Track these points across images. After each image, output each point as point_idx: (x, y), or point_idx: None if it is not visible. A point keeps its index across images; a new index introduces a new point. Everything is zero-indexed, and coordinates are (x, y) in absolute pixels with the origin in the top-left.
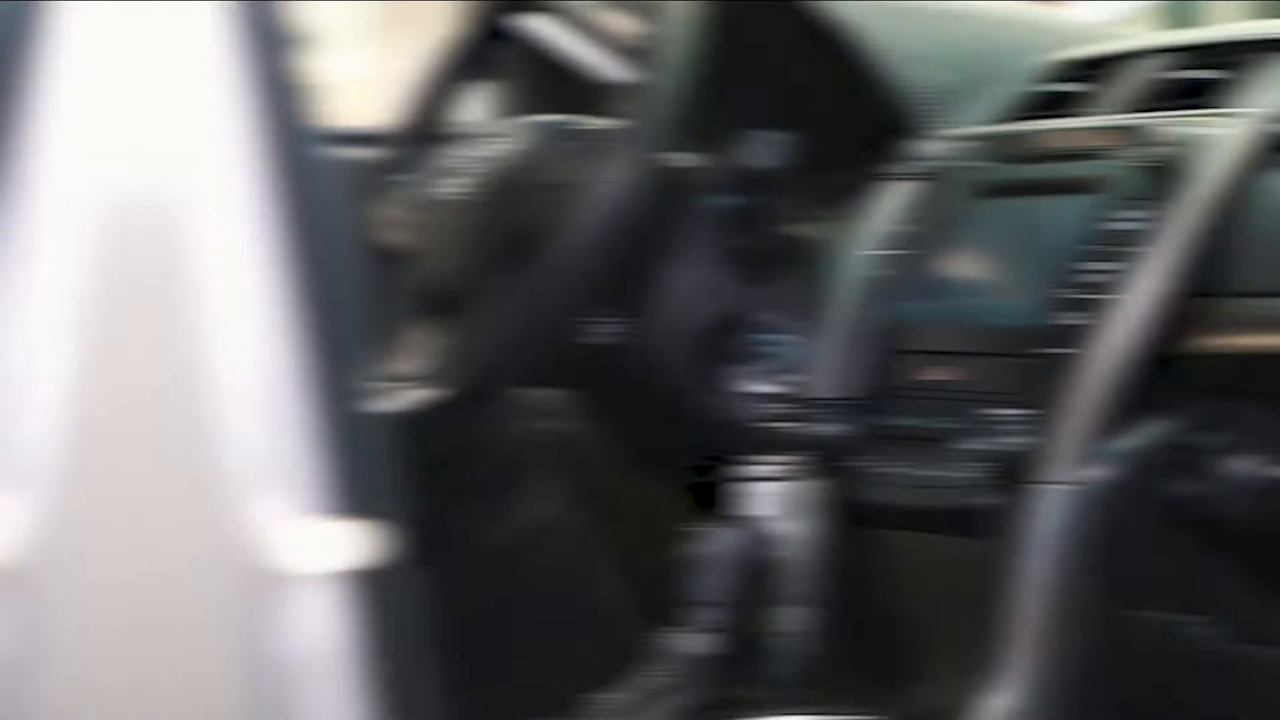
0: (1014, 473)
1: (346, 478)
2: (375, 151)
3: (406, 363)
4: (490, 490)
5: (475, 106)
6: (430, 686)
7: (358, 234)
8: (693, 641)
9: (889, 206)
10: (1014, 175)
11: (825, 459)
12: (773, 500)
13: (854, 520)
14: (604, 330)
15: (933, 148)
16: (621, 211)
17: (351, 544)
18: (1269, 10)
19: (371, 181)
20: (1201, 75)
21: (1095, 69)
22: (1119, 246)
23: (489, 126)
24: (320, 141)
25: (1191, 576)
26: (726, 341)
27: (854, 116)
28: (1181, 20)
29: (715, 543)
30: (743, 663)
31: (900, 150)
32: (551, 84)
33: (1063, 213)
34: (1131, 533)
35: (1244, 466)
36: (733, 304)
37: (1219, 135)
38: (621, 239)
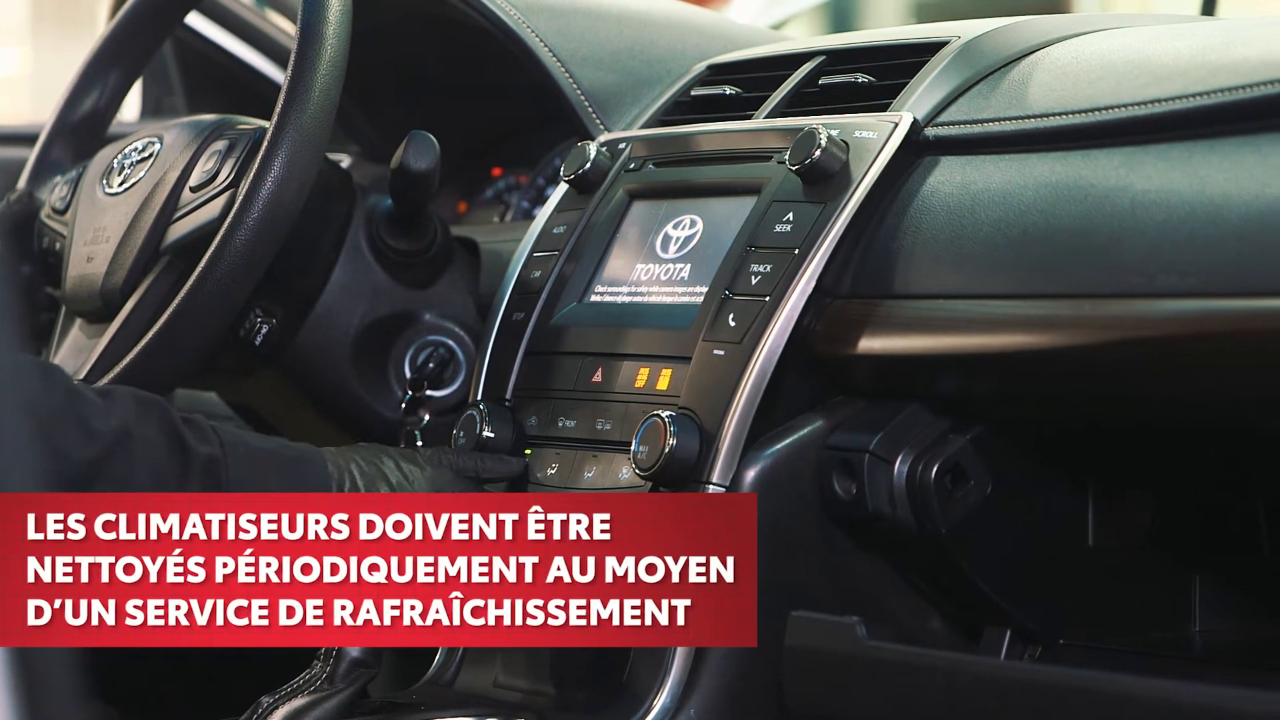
0: (668, 473)
1: None
2: (26, 149)
3: (59, 362)
4: None
5: (130, 104)
6: (77, 687)
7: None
8: None
9: (548, 208)
10: (672, 177)
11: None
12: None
13: None
14: (262, 330)
15: (593, 149)
16: (280, 211)
17: None
18: (925, 14)
19: (22, 180)
20: (858, 78)
21: (754, 71)
22: (775, 248)
23: (145, 124)
24: None
25: (846, 576)
26: (385, 342)
27: (513, 117)
28: (840, 24)
29: None
30: (400, 665)
31: (560, 151)
32: (210, 82)
33: (720, 215)
34: (787, 532)
35: (896, 466)
36: (391, 305)
37: (875, 138)
38: (280, 239)
